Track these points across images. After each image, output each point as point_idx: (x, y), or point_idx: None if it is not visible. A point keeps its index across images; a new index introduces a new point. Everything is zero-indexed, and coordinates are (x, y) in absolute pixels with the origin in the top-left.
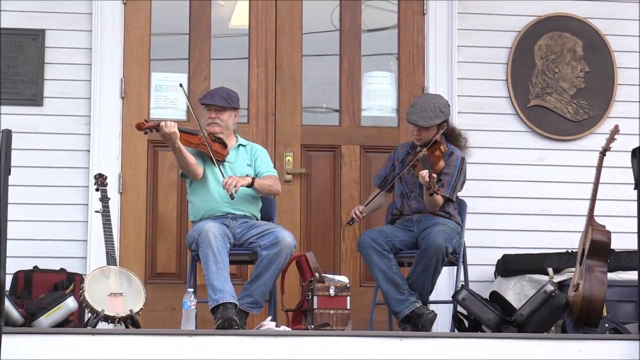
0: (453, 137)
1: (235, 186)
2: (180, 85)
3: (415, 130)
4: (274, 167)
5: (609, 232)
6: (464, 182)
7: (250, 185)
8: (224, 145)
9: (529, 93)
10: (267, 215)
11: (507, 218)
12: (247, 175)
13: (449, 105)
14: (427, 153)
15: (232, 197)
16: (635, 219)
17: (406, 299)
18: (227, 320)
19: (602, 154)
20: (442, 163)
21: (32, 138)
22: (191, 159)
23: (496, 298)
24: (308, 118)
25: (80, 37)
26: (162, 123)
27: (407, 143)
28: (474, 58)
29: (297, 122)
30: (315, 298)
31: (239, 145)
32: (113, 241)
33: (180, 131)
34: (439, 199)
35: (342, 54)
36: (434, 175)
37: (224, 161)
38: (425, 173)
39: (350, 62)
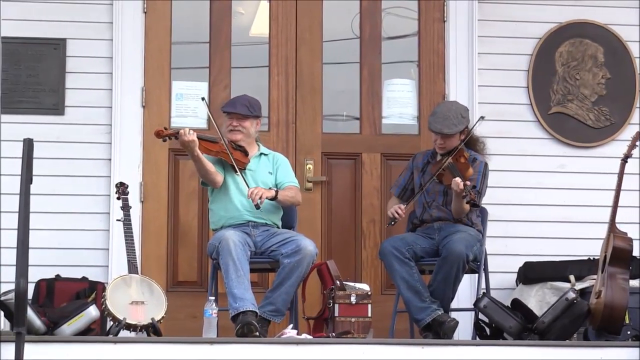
0: (471, 142)
1: (260, 197)
2: (203, 99)
3: (438, 138)
4: (295, 175)
5: (630, 239)
6: (486, 187)
7: (273, 198)
8: (245, 154)
9: (550, 100)
10: (287, 223)
11: (529, 225)
12: (270, 188)
13: (469, 110)
14: (452, 161)
15: (257, 207)
16: None
17: (427, 307)
18: (246, 324)
19: (624, 160)
20: (471, 170)
21: (54, 147)
22: (210, 167)
23: (518, 305)
24: (328, 126)
25: (101, 46)
26: (181, 131)
27: (425, 152)
28: (495, 65)
29: (317, 130)
30: (336, 306)
31: (261, 154)
32: (134, 249)
33: (199, 139)
34: (466, 205)
35: (362, 61)
36: (467, 182)
37: (245, 169)
38: (459, 181)
39: (370, 70)
